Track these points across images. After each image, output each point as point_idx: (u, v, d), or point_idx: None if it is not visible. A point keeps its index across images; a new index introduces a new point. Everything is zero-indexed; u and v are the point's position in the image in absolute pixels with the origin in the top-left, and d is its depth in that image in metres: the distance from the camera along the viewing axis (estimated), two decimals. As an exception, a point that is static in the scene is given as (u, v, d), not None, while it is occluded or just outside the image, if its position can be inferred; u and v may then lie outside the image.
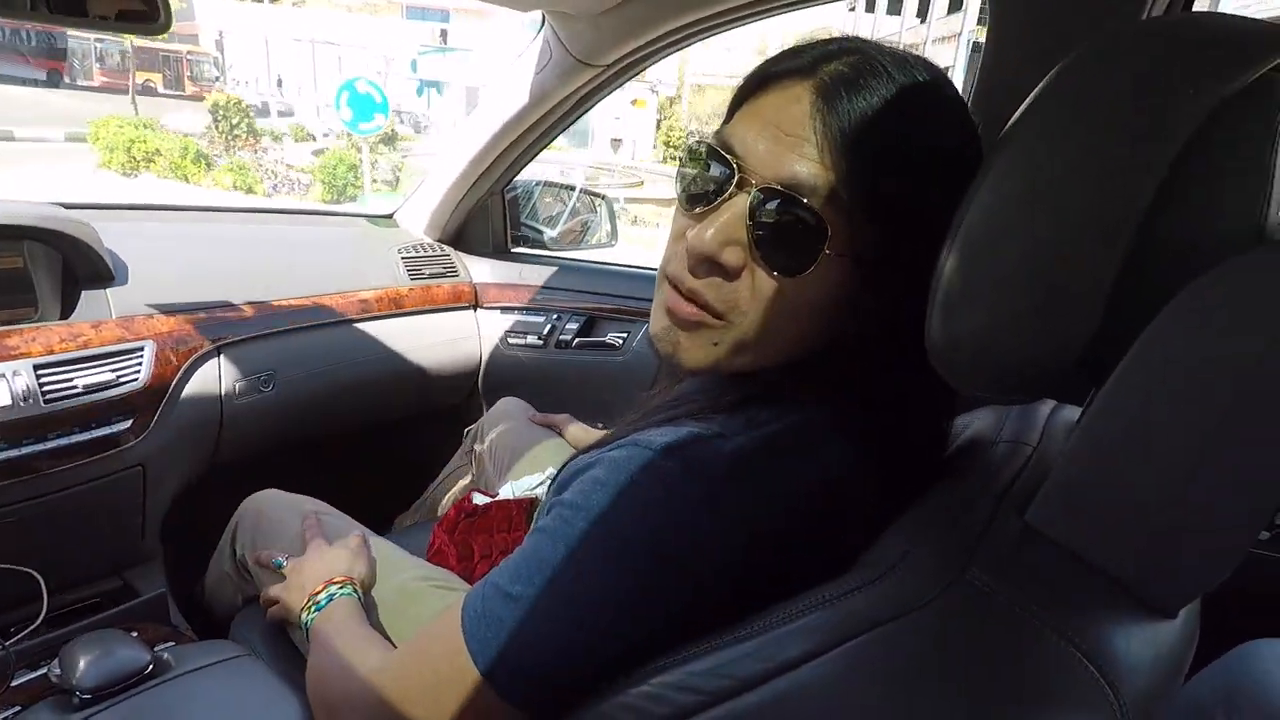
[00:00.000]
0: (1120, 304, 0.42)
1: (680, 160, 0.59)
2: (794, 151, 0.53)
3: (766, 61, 0.58)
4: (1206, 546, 0.41)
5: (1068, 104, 0.43)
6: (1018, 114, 0.45)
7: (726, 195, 0.55)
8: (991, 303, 0.45)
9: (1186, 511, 0.40)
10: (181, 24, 27.96)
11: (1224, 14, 0.44)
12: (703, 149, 0.57)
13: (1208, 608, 0.53)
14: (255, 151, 12.69)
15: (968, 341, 0.47)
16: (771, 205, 0.53)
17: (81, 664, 0.78)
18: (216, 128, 12.56)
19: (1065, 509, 0.44)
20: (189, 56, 24.86)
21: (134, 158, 11.06)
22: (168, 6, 0.73)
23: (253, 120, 13.31)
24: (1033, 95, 0.45)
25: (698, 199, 0.57)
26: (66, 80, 22.59)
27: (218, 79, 25.41)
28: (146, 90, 23.06)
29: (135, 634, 0.93)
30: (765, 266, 0.54)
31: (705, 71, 28.32)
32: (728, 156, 0.55)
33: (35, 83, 21.27)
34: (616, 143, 23.37)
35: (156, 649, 0.89)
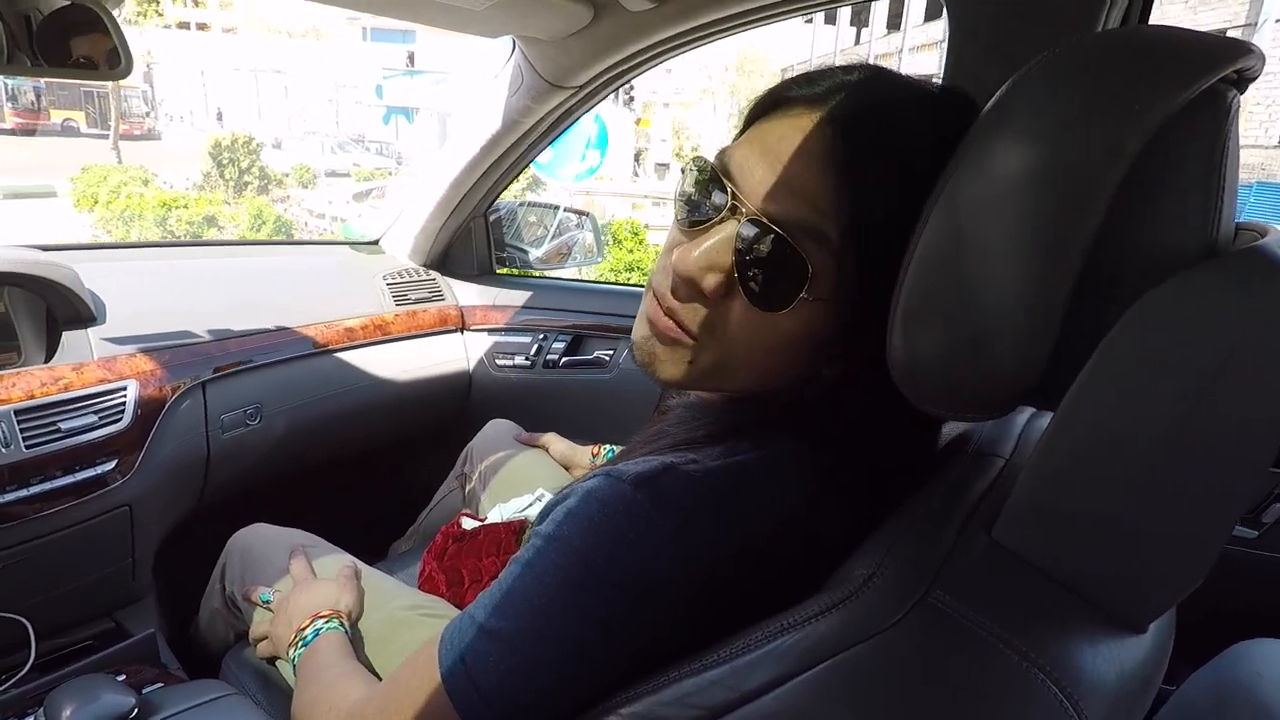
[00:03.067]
0: (1077, 319, 0.43)
1: (682, 175, 0.58)
2: (789, 186, 0.51)
3: (780, 84, 0.57)
4: (1172, 560, 0.41)
5: (1018, 120, 0.43)
6: (970, 131, 0.45)
7: (718, 219, 0.54)
8: (949, 321, 0.45)
9: (1149, 524, 0.40)
10: (101, 54, 26.73)
11: (1174, 27, 0.45)
12: (703, 168, 0.56)
13: (1198, 610, 0.52)
14: (278, 201, 10.46)
15: (928, 362, 0.47)
16: (759, 237, 0.52)
17: (66, 712, 0.77)
18: (221, 174, 10.66)
19: (1030, 526, 0.44)
20: (119, 90, 22.58)
21: (125, 220, 8.67)
22: (129, 53, 0.73)
23: (263, 163, 11.22)
24: (984, 111, 0.45)
25: (691, 218, 0.57)
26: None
27: (148, 113, 23.91)
28: (67, 130, 21.46)
29: (123, 676, 0.93)
30: (745, 297, 0.54)
31: (652, 89, 28.49)
32: (724, 180, 0.54)
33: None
34: (663, 168, 22.59)
35: (145, 691, 0.89)
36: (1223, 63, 0.40)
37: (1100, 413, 0.41)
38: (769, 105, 0.57)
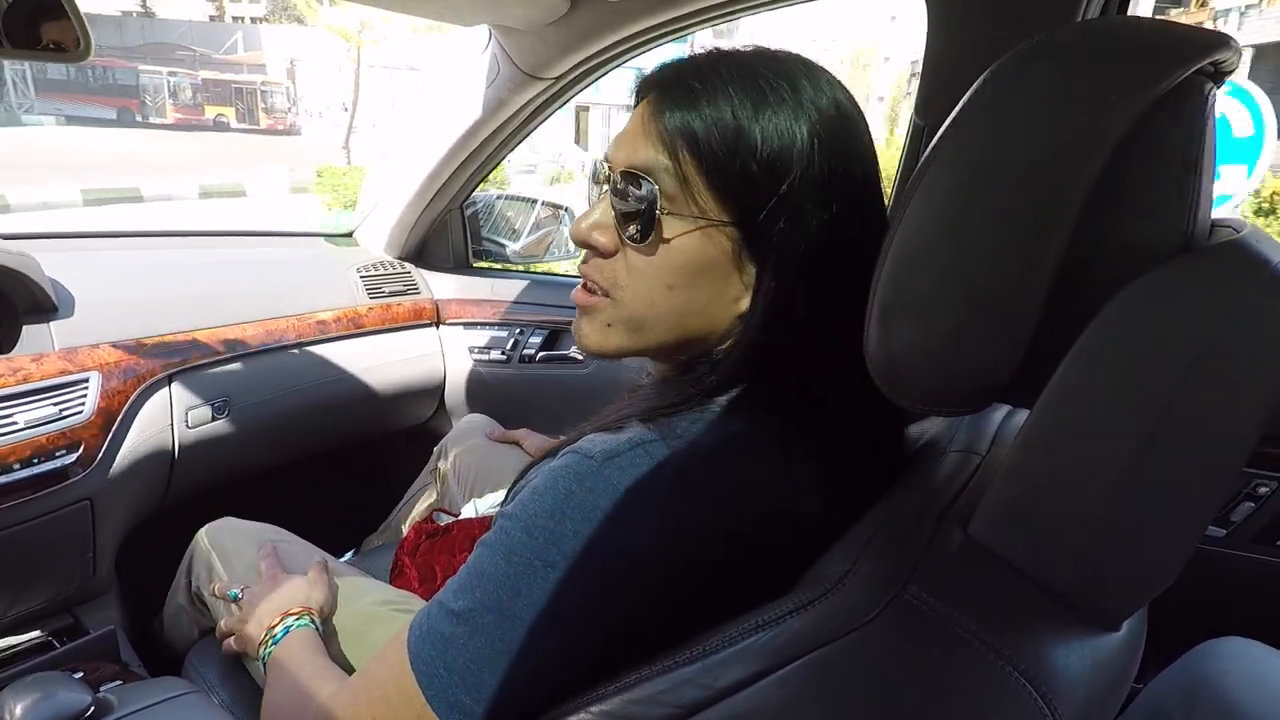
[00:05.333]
0: (1055, 313, 0.42)
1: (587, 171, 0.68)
2: (637, 141, 0.60)
3: (639, 82, 0.66)
4: (1146, 557, 0.41)
5: (996, 111, 0.42)
6: (947, 123, 0.45)
7: (601, 191, 0.64)
8: (926, 315, 0.45)
9: (1124, 522, 0.40)
10: (250, 53, 26.85)
11: (1152, 18, 0.44)
12: (599, 160, 0.66)
13: (1166, 608, 0.52)
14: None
15: (904, 356, 0.46)
16: (623, 187, 0.60)
17: (18, 710, 0.75)
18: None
19: (1006, 523, 0.44)
20: (262, 88, 23.93)
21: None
22: (88, 36, 0.71)
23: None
24: (961, 103, 0.44)
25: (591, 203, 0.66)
26: (139, 119, 21.87)
27: (289, 109, 24.55)
28: (219, 125, 22.31)
29: (80, 674, 0.91)
30: (626, 242, 0.61)
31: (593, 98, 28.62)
32: (603, 162, 0.64)
33: (104, 122, 20.37)
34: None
35: (102, 689, 0.86)
36: (1200, 54, 0.40)
37: (1076, 410, 0.40)
38: (638, 97, 0.65)
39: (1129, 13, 0.95)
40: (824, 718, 0.42)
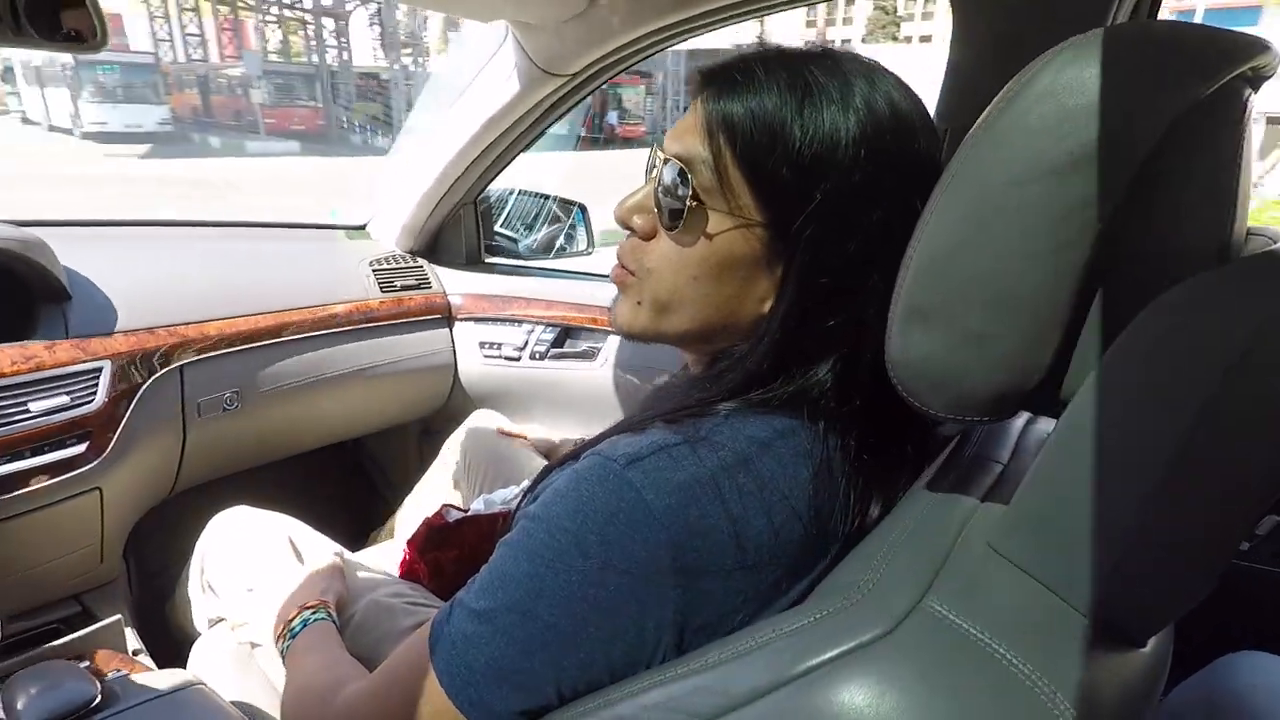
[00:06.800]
0: (1083, 322, 0.41)
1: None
2: (685, 130, 0.61)
3: (691, 75, 0.66)
4: (1177, 573, 0.40)
5: (1024, 115, 0.41)
6: (974, 127, 0.44)
7: (650, 176, 0.65)
8: (950, 322, 0.44)
9: (1155, 536, 0.39)
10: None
11: (1187, 22, 0.43)
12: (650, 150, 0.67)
13: (1186, 621, 0.51)
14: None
15: (927, 363, 0.46)
16: (667, 173, 0.61)
17: (23, 699, 0.75)
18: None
19: (1029, 536, 0.43)
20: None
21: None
22: (105, 25, 0.71)
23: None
24: (990, 107, 0.43)
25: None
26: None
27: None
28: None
29: (86, 663, 0.90)
30: (661, 227, 0.62)
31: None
32: (657, 150, 0.65)
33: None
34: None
35: (108, 678, 0.86)
36: (1239, 60, 0.39)
37: (1106, 422, 0.39)
38: (694, 91, 0.65)
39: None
40: None
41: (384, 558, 1.20)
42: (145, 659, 1.10)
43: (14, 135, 21.63)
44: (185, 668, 0.99)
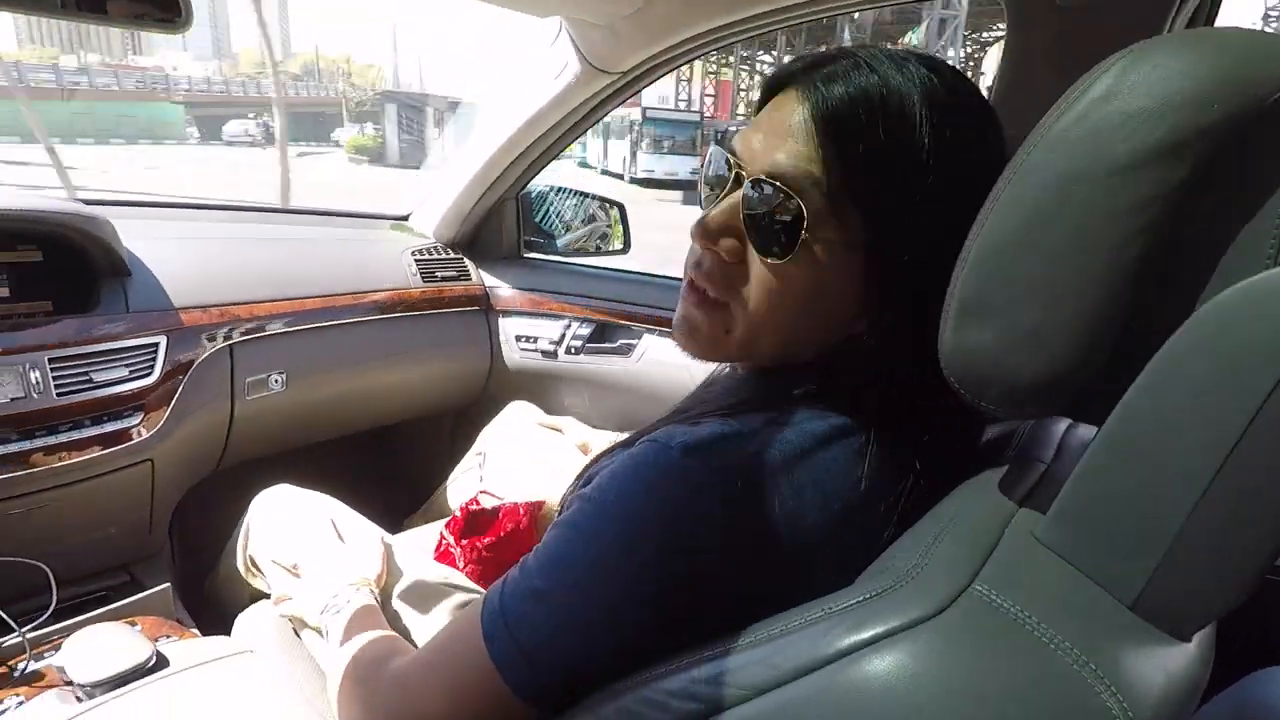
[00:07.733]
0: (1138, 320, 0.42)
1: (703, 163, 0.64)
2: (779, 145, 0.56)
3: (771, 74, 0.62)
4: (1221, 571, 0.40)
5: (1086, 116, 0.42)
6: (1036, 128, 0.45)
7: (727, 191, 0.60)
8: (1005, 316, 0.45)
9: (1199, 535, 0.39)
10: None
11: (1249, 29, 0.44)
12: (716, 153, 0.62)
13: (1220, 632, 0.52)
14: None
15: (980, 354, 0.46)
16: (759, 194, 0.56)
17: (84, 657, 0.78)
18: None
19: (1076, 528, 0.44)
20: None
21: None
22: (190, 6, 0.73)
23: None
24: (1050, 110, 0.44)
25: (709, 197, 0.62)
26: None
27: None
28: None
29: (138, 628, 0.94)
30: (758, 253, 0.58)
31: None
32: (729, 158, 0.60)
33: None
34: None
35: (158, 643, 0.89)
36: None
37: (1157, 420, 0.40)
38: (764, 95, 0.62)
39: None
40: (888, 707, 0.42)
41: (419, 542, 1.22)
42: (191, 629, 1.13)
43: (572, 176, 22.80)
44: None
